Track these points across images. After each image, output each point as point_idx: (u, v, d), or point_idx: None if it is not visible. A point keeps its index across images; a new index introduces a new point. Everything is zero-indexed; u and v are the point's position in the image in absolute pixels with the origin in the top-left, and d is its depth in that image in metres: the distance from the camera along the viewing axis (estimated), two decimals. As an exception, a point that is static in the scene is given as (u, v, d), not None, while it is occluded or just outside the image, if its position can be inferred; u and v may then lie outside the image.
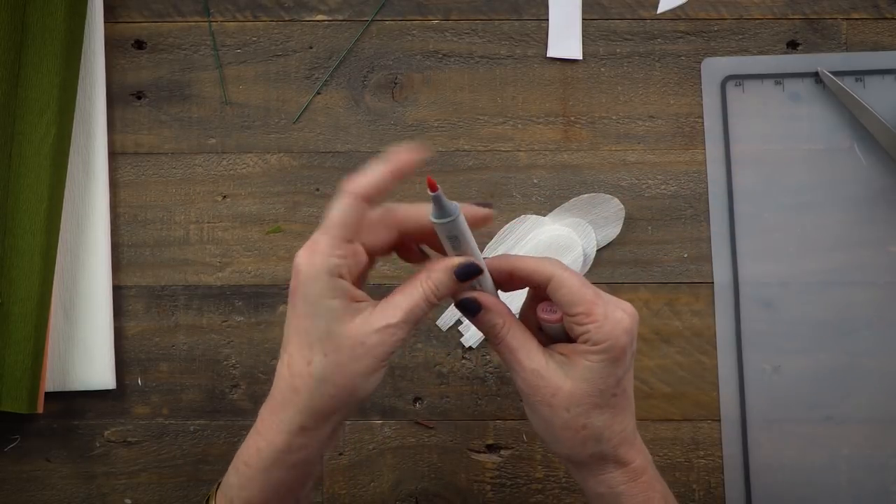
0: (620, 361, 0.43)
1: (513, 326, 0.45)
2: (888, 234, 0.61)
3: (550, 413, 0.44)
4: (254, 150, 0.63)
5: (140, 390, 0.62)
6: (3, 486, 0.61)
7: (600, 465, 0.45)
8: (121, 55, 0.63)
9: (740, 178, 0.62)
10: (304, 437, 0.43)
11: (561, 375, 0.44)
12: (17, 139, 0.58)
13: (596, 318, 0.43)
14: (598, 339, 0.43)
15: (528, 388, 0.44)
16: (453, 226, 0.43)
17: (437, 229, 0.43)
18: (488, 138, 0.63)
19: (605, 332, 0.43)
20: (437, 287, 0.43)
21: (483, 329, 0.45)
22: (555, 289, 0.43)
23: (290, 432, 0.43)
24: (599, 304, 0.43)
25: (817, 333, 0.61)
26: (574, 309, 0.43)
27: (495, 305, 0.45)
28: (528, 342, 0.45)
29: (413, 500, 0.61)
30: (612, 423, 0.44)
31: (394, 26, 0.63)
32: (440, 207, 0.42)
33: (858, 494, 0.60)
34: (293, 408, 0.43)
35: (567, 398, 0.43)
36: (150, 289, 0.62)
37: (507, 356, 0.45)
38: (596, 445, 0.44)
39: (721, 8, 0.63)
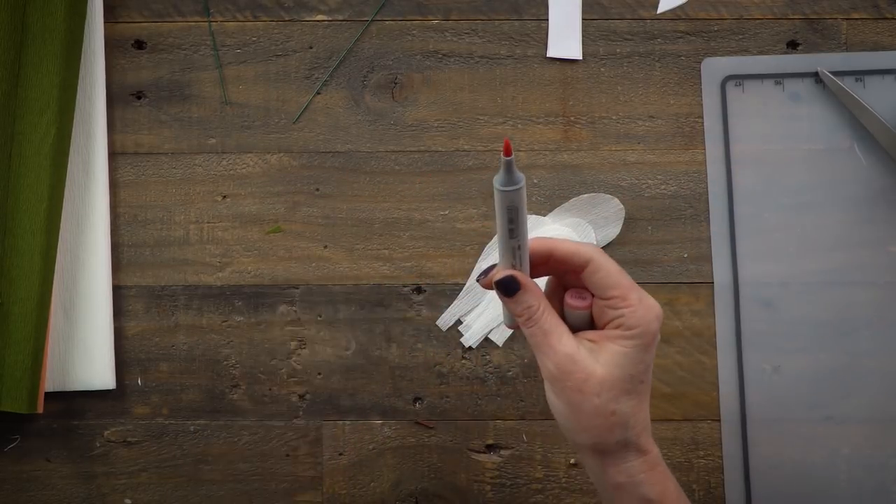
0: (650, 347, 0.44)
1: (547, 310, 0.45)
2: (888, 234, 0.61)
3: (581, 399, 0.44)
4: (254, 150, 0.63)
5: (140, 390, 0.62)
6: (3, 486, 0.61)
7: (623, 454, 0.45)
8: (121, 55, 0.63)
9: (740, 178, 0.62)
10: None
11: (592, 361, 0.44)
12: (17, 139, 0.58)
13: (631, 303, 0.43)
14: (632, 323, 0.43)
15: (559, 372, 0.44)
16: (517, 195, 0.42)
17: (499, 199, 0.43)
18: (488, 138, 0.63)
19: (638, 316, 0.43)
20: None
21: (518, 310, 0.45)
22: (593, 271, 0.44)
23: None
24: (634, 290, 0.44)
25: (817, 333, 0.61)
26: (610, 292, 0.44)
27: (533, 287, 0.45)
28: (560, 326, 0.45)
29: (413, 500, 0.61)
30: (637, 409, 0.45)
31: (394, 26, 0.63)
32: (510, 173, 0.42)
33: (858, 494, 0.60)
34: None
35: (599, 384, 0.44)
36: (150, 289, 0.62)
37: (540, 339, 0.45)
38: (622, 432, 0.44)
39: (721, 8, 0.63)
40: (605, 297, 0.44)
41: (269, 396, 0.62)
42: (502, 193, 0.42)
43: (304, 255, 0.62)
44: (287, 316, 0.62)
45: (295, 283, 0.62)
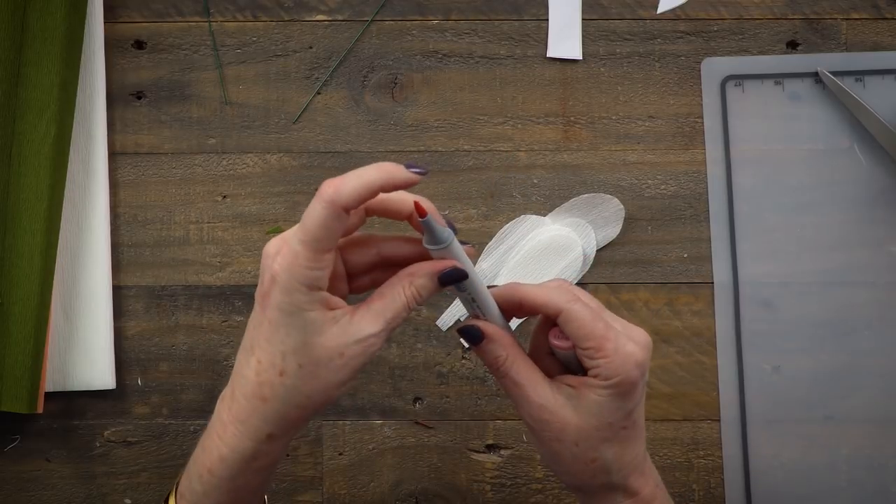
0: (630, 395, 0.42)
1: (517, 359, 0.43)
2: (888, 234, 0.61)
3: (560, 447, 0.43)
4: (254, 150, 0.63)
5: (140, 390, 0.62)
6: (3, 486, 0.61)
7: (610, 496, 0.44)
8: (121, 55, 0.63)
9: (740, 178, 0.62)
10: (270, 444, 0.42)
11: (569, 409, 0.42)
12: (17, 139, 0.58)
13: (606, 354, 0.41)
14: (608, 374, 0.41)
15: (535, 423, 0.43)
16: (448, 252, 0.41)
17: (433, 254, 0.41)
18: (488, 138, 0.63)
19: (614, 367, 0.41)
20: (420, 294, 0.42)
21: (486, 360, 0.44)
22: (564, 322, 0.42)
23: (257, 440, 0.42)
24: (610, 339, 0.42)
25: (817, 333, 0.61)
26: (584, 343, 0.42)
27: (499, 336, 0.43)
28: (533, 375, 0.43)
29: (413, 500, 0.61)
30: (621, 454, 0.43)
31: (394, 26, 0.63)
32: (431, 233, 0.40)
33: (858, 494, 0.60)
34: (260, 416, 0.41)
35: (575, 433, 0.42)
36: (150, 289, 0.62)
37: (513, 390, 0.43)
38: (606, 477, 0.43)
39: (721, 8, 0.63)
40: (581, 347, 0.42)
41: (269, 396, 0.62)
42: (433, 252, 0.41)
43: (304, 255, 0.62)
44: (287, 316, 0.62)
45: (295, 283, 0.62)
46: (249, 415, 0.41)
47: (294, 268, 0.39)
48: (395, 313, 0.41)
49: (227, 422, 0.42)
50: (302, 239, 0.39)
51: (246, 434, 0.42)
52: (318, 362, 0.40)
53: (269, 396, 0.41)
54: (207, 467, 0.43)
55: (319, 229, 0.39)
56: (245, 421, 0.42)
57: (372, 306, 0.41)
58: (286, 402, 0.41)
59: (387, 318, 0.41)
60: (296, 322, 0.40)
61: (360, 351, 0.41)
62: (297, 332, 0.40)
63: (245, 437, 0.42)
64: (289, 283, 0.39)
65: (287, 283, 0.39)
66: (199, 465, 0.43)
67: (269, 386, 0.41)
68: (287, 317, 0.40)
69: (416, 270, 0.42)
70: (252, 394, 0.41)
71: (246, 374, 0.41)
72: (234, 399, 0.42)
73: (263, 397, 0.41)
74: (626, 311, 0.61)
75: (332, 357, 0.40)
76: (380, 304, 0.41)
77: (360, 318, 0.41)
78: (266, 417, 0.41)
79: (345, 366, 0.41)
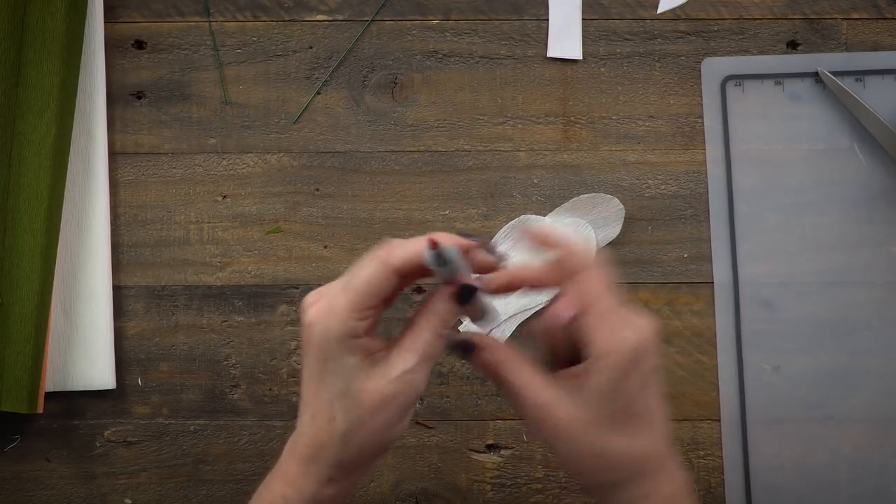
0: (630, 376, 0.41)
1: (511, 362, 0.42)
2: (888, 234, 0.61)
3: (568, 444, 0.42)
4: (254, 150, 0.63)
5: (140, 390, 0.62)
6: (3, 486, 0.61)
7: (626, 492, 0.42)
8: (121, 55, 0.63)
9: (740, 178, 0.62)
10: (332, 488, 0.42)
11: (569, 404, 0.41)
12: (17, 139, 0.58)
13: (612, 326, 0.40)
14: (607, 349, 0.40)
15: (537, 423, 0.42)
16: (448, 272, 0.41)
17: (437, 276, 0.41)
18: (488, 138, 0.63)
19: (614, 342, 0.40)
20: (443, 319, 0.41)
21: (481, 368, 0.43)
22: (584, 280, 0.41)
23: (319, 483, 0.42)
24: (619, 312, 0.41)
25: (817, 333, 0.61)
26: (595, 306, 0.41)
27: (490, 344, 0.43)
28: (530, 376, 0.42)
29: (413, 500, 0.61)
30: (631, 447, 0.41)
31: (394, 26, 0.63)
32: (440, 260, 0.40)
33: (858, 494, 0.60)
34: (322, 461, 0.42)
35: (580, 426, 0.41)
36: (150, 289, 0.62)
37: (511, 393, 0.43)
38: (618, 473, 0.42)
39: (721, 8, 0.63)
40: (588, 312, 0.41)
41: (269, 396, 0.62)
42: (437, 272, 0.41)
43: (304, 255, 0.62)
44: (287, 316, 0.62)
45: (295, 283, 0.62)
46: (312, 459, 0.42)
47: (330, 317, 0.40)
48: (425, 344, 0.41)
49: (291, 464, 0.43)
50: (343, 289, 0.40)
51: (309, 476, 0.42)
52: (361, 406, 0.41)
53: (327, 444, 0.42)
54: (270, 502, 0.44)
55: (363, 284, 0.40)
56: (308, 465, 0.42)
57: (402, 343, 0.41)
58: (342, 448, 0.41)
59: (418, 351, 0.41)
60: (334, 369, 0.40)
61: (398, 389, 0.41)
62: (336, 379, 0.41)
63: (309, 479, 0.42)
64: (325, 333, 0.40)
65: (323, 333, 0.40)
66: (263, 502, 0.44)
67: (325, 433, 0.41)
68: (323, 364, 0.41)
69: (434, 298, 0.42)
70: (311, 441, 0.42)
71: (304, 420, 0.42)
72: (298, 443, 0.43)
73: (321, 444, 0.42)
74: (626, 311, 0.61)
75: (374, 400, 0.40)
76: (409, 339, 0.41)
77: (394, 357, 0.41)
78: (327, 462, 0.42)
79: (387, 406, 0.41)
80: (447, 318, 0.42)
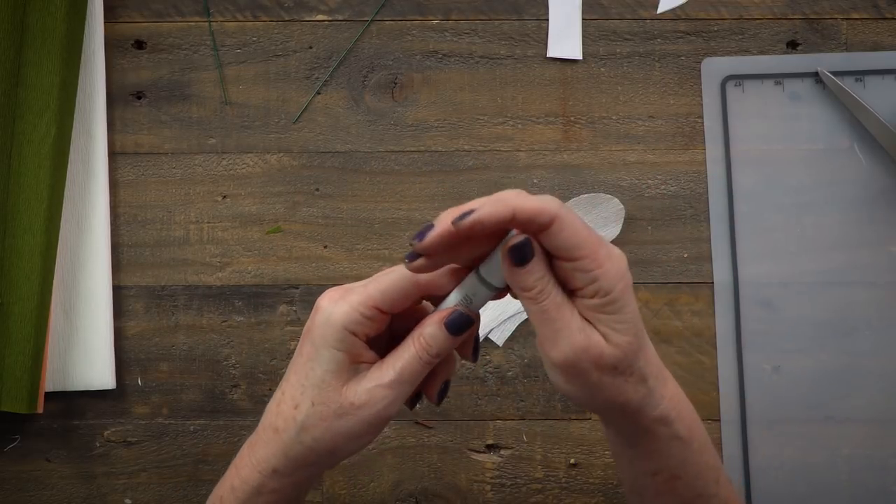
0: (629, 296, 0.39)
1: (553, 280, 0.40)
2: (888, 234, 0.61)
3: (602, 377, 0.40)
4: (254, 150, 0.63)
5: (140, 390, 0.62)
6: (3, 486, 0.61)
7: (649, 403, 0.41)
8: (121, 55, 0.63)
9: (740, 178, 0.62)
10: (276, 481, 0.42)
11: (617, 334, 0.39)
12: (17, 139, 0.58)
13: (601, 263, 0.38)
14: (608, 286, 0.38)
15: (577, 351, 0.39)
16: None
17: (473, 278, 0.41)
18: (488, 138, 0.63)
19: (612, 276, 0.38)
20: (429, 344, 0.41)
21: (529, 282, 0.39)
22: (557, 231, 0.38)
23: (262, 472, 0.42)
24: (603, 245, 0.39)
25: (817, 333, 0.61)
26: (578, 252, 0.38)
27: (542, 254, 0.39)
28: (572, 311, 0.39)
29: (413, 500, 0.61)
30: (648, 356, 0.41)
31: (394, 26, 0.63)
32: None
33: (858, 494, 0.60)
34: (269, 447, 0.42)
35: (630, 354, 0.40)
36: (150, 289, 0.62)
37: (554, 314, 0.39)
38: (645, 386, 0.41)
39: (721, 8, 0.63)
40: (574, 256, 0.38)
41: (269, 396, 0.62)
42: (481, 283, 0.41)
43: (304, 255, 0.62)
44: (287, 316, 0.62)
45: (295, 283, 0.62)
46: (261, 445, 0.42)
47: (339, 303, 0.40)
48: (405, 364, 0.41)
49: (244, 452, 0.43)
50: (365, 284, 0.41)
51: (255, 465, 0.42)
52: (328, 404, 0.41)
53: (281, 429, 0.42)
54: (220, 494, 0.44)
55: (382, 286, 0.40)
56: (256, 452, 0.42)
57: (385, 360, 0.41)
58: (293, 438, 0.41)
59: (396, 370, 0.41)
60: (321, 357, 0.41)
61: (366, 401, 0.41)
62: (317, 367, 0.41)
63: (254, 468, 0.42)
64: (327, 316, 0.40)
65: (325, 315, 0.40)
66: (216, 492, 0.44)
67: (282, 418, 0.42)
68: (315, 349, 0.41)
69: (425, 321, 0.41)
70: (268, 424, 0.42)
71: (270, 405, 0.43)
72: (256, 431, 0.43)
73: (276, 428, 0.42)
74: (626, 311, 0.61)
75: (342, 403, 0.41)
76: (392, 357, 0.41)
77: (374, 370, 0.41)
78: (274, 450, 0.42)
79: (352, 414, 0.41)
80: (433, 345, 0.41)
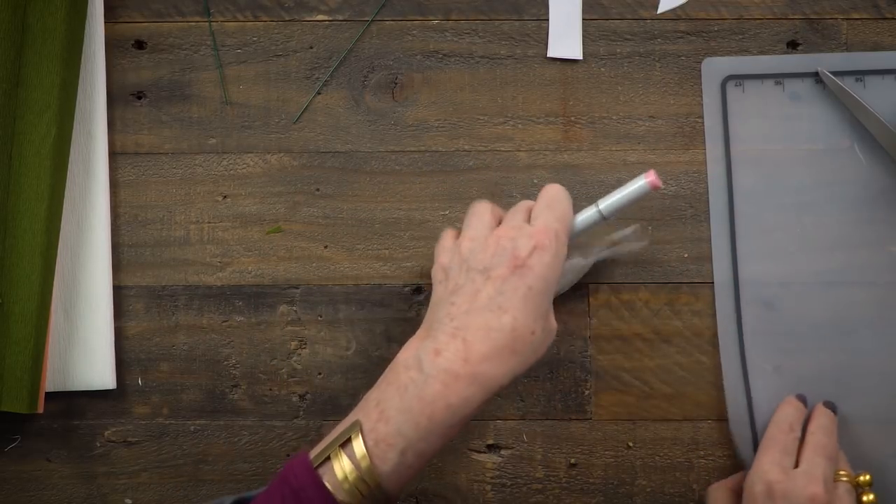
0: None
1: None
2: (888, 234, 0.61)
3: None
4: (254, 150, 0.63)
5: (140, 390, 0.62)
6: (3, 486, 0.61)
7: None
8: (121, 55, 0.63)
9: (740, 178, 0.62)
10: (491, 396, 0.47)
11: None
12: (17, 139, 0.58)
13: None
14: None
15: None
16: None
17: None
18: (488, 138, 0.63)
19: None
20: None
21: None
22: None
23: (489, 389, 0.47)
24: None
25: (817, 333, 0.61)
26: None
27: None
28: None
29: (413, 500, 0.61)
30: None
31: (394, 26, 0.63)
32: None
33: (858, 494, 0.59)
34: (502, 368, 0.47)
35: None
36: (151, 289, 0.62)
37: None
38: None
39: (721, 8, 0.63)
40: None
41: (269, 396, 0.62)
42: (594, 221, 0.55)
43: (305, 255, 0.62)
44: (287, 316, 0.62)
45: (295, 283, 0.62)
46: (490, 366, 0.47)
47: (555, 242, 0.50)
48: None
49: (459, 374, 0.47)
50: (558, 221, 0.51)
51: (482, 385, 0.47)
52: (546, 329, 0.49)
53: (520, 351, 0.48)
54: (428, 415, 0.46)
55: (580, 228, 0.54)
56: (484, 373, 0.47)
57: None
58: (526, 359, 0.48)
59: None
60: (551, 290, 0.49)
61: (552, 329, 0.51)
62: (548, 300, 0.49)
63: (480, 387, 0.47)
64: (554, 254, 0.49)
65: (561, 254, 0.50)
66: (416, 414, 0.46)
67: (521, 342, 0.47)
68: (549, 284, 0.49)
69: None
70: (504, 346, 0.47)
71: (500, 328, 0.47)
72: (472, 352, 0.47)
73: (514, 350, 0.47)
74: (626, 311, 0.61)
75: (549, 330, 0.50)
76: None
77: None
78: (507, 369, 0.47)
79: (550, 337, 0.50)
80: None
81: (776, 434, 0.56)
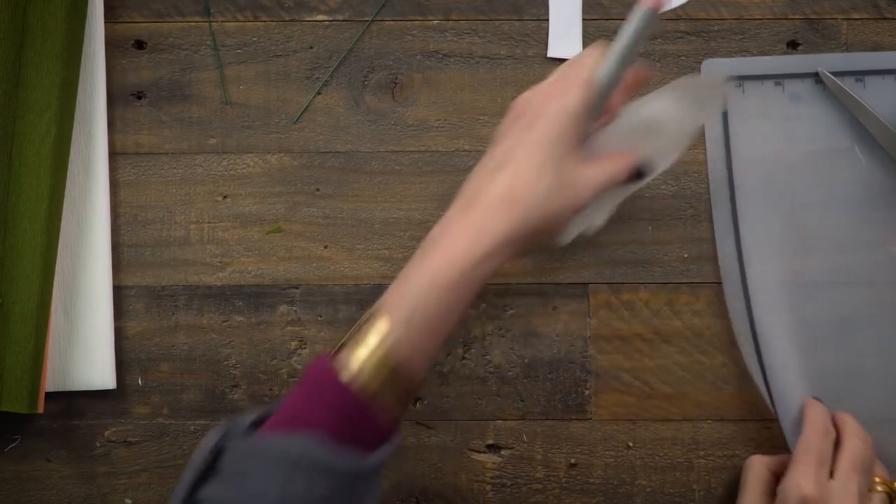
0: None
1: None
2: (888, 234, 0.61)
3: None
4: (254, 150, 0.63)
5: (140, 390, 0.62)
6: (4, 486, 0.61)
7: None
8: (121, 55, 0.63)
9: (741, 178, 0.62)
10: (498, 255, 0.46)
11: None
12: (17, 139, 0.58)
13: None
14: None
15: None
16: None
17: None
18: (488, 138, 0.63)
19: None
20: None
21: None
22: None
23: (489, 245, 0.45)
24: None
25: (818, 333, 0.61)
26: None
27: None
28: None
29: (413, 500, 0.61)
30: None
31: (394, 26, 0.63)
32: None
33: (858, 494, 0.59)
34: (501, 220, 0.46)
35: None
36: (151, 289, 0.62)
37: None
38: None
39: (721, 8, 0.63)
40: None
41: (269, 396, 0.62)
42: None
43: (305, 255, 0.62)
44: (287, 316, 0.62)
45: (295, 283, 0.62)
46: (489, 220, 0.46)
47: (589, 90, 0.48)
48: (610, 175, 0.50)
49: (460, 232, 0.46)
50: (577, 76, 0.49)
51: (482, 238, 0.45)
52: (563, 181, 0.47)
53: (519, 200, 0.46)
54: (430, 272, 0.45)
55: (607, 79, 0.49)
56: (483, 226, 0.46)
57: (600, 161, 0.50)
58: (530, 210, 0.46)
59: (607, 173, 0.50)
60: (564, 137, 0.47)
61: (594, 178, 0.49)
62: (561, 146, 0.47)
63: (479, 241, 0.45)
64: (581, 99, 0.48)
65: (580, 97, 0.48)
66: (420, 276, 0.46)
67: (520, 191, 0.46)
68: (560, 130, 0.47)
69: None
70: (500, 199, 0.46)
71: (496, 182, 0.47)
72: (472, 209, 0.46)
73: (513, 201, 0.46)
74: (626, 311, 0.61)
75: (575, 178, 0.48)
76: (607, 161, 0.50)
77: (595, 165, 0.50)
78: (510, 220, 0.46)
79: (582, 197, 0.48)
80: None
81: (812, 436, 0.56)
